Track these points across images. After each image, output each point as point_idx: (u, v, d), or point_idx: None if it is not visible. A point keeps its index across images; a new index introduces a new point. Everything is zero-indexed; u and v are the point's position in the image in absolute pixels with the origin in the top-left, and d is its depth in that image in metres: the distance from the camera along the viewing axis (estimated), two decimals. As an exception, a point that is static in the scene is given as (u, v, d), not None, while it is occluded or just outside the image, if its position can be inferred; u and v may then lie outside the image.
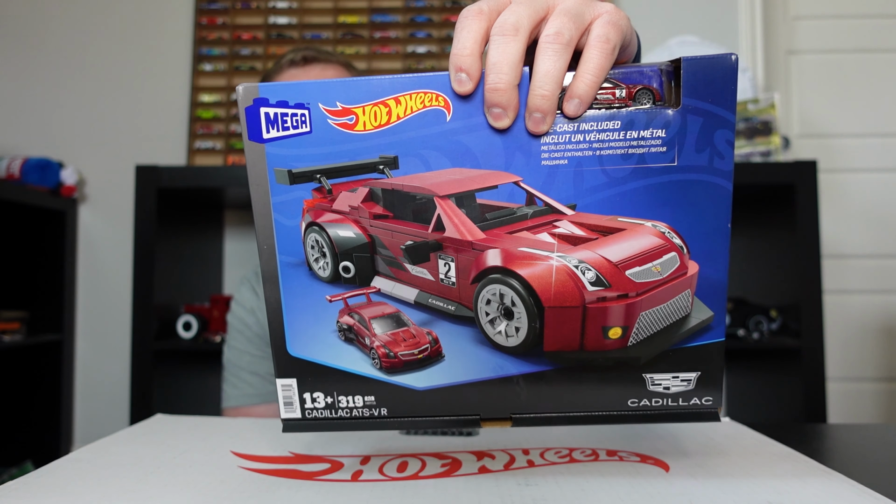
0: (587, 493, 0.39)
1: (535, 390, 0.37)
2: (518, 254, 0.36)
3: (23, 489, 0.40)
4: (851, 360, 1.85)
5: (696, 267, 0.35)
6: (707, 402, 0.37)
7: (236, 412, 0.92)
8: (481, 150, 0.35)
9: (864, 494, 0.38)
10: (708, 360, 0.36)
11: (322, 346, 0.38)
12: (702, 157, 0.34)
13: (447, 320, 0.38)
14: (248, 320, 0.94)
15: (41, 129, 1.89)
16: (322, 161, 0.36)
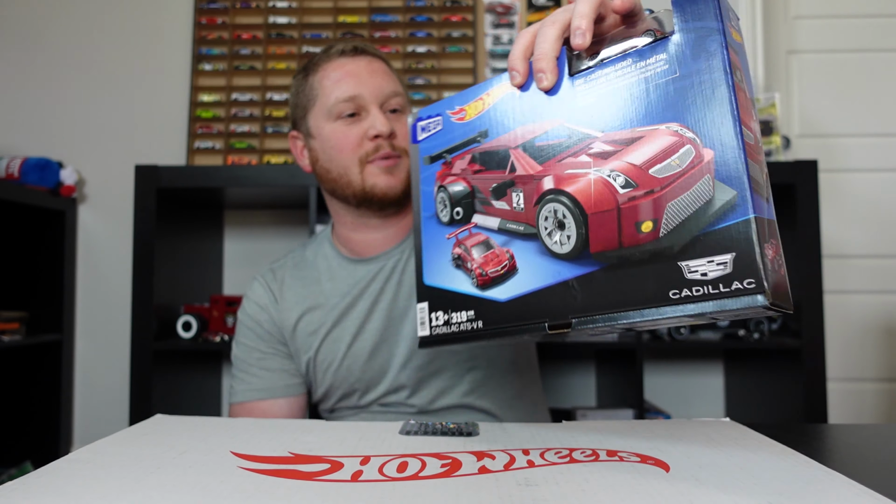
0: (587, 494, 0.39)
1: (588, 291, 0.43)
2: (565, 175, 0.45)
3: (22, 489, 0.39)
4: (852, 360, 1.85)
5: (712, 153, 0.39)
6: (750, 284, 0.37)
7: (241, 408, 0.90)
8: (540, 110, 0.47)
9: (864, 495, 0.38)
10: (739, 239, 0.38)
11: (442, 274, 0.51)
12: (698, 63, 0.41)
13: (519, 238, 0.48)
14: (259, 317, 0.93)
15: (40, 129, 1.89)
16: (447, 144, 0.53)
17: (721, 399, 1.83)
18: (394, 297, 0.90)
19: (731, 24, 0.42)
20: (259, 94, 1.84)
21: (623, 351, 1.54)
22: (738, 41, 0.42)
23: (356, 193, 0.88)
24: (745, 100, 0.40)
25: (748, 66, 0.43)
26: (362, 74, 0.87)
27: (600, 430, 0.55)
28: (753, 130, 0.40)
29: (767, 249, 0.38)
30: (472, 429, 0.57)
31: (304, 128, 0.92)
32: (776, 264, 0.39)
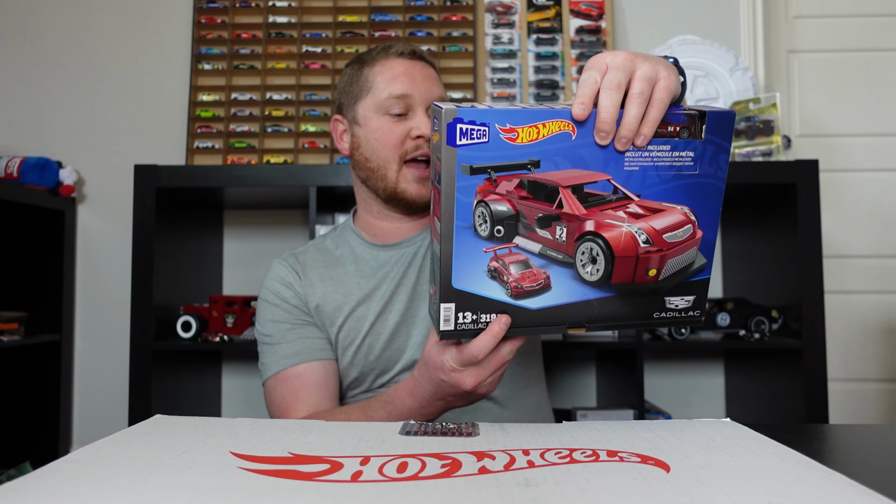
0: (587, 494, 0.39)
1: (603, 308, 0.60)
2: (604, 224, 0.58)
3: (21, 490, 0.39)
4: (853, 360, 1.85)
5: (701, 233, 0.59)
6: (696, 312, 0.62)
7: (276, 379, 0.90)
8: (590, 158, 0.56)
9: (865, 495, 0.38)
10: (700, 289, 0.62)
11: (475, 281, 0.58)
12: (711, 168, 0.58)
13: (556, 265, 0.59)
14: (284, 294, 0.94)
15: (40, 129, 1.89)
16: (492, 161, 0.55)
17: (721, 399, 1.83)
18: (416, 281, 0.94)
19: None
20: (259, 93, 1.84)
21: (623, 351, 1.54)
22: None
23: (387, 189, 0.94)
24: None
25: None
26: (416, 77, 0.94)
27: (600, 431, 0.55)
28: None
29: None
30: (472, 429, 0.57)
31: (351, 114, 0.97)
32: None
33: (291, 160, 1.79)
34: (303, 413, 0.87)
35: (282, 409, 0.88)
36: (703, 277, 0.61)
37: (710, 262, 0.61)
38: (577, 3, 1.87)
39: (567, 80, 1.84)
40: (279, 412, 0.88)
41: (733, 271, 1.78)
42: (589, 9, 1.87)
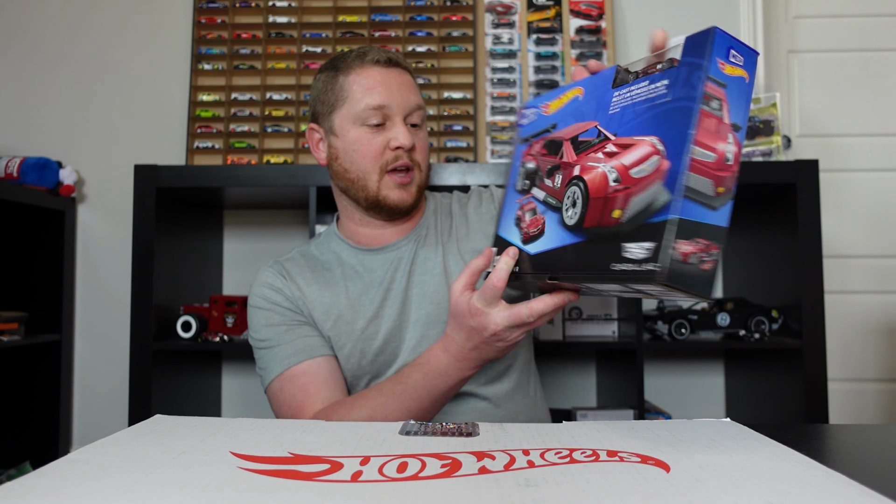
0: (587, 494, 0.39)
1: (574, 254, 0.59)
2: (587, 166, 0.59)
3: (21, 490, 0.39)
4: (853, 360, 1.85)
5: (668, 164, 0.51)
6: (655, 266, 0.49)
7: (281, 380, 0.89)
8: (587, 112, 0.63)
9: (865, 495, 0.38)
10: (658, 232, 0.49)
11: (507, 229, 0.70)
12: (683, 90, 0.52)
13: (551, 210, 0.64)
14: (275, 298, 0.94)
15: (40, 129, 1.89)
16: (534, 130, 0.71)
17: (721, 399, 1.83)
18: (407, 286, 0.94)
19: (727, 60, 0.51)
20: (259, 93, 1.84)
21: (623, 351, 1.54)
22: (737, 75, 0.52)
23: (368, 198, 0.93)
24: (715, 125, 0.50)
25: (746, 96, 0.52)
26: (392, 86, 0.92)
27: (600, 431, 0.55)
28: (719, 151, 0.50)
29: (684, 245, 0.48)
30: (472, 429, 0.57)
31: (327, 124, 0.95)
32: (695, 258, 0.49)
33: (291, 160, 1.79)
34: (319, 406, 0.85)
35: (294, 408, 0.87)
36: (664, 218, 0.49)
37: (677, 199, 0.49)
38: (577, 3, 1.87)
39: (567, 80, 1.84)
40: (292, 411, 0.87)
41: (733, 271, 1.78)
42: (589, 9, 1.87)
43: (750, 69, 0.52)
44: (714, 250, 0.49)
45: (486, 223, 1.00)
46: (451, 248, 0.97)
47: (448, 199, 1.05)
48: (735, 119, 0.51)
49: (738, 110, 0.51)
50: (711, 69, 0.50)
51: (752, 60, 0.52)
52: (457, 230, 1.00)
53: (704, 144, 0.49)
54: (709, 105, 0.50)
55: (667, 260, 0.48)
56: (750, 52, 0.52)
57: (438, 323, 0.92)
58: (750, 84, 0.52)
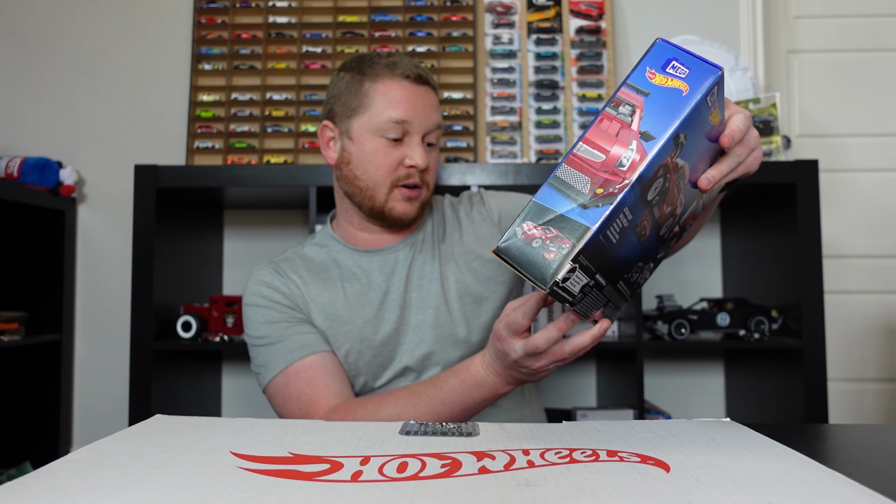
0: (587, 494, 0.39)
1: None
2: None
3: (21, 490, 0.39)
4: (852, 360, 1.85)
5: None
6: (501, 242, 0.50)
7: (284, 375, 0.88)
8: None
9: (865, 495, 0.38)
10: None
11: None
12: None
13: None
14: (273, 296, 0.93)
15: (40, 129, 1.89)
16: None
17: (721, 399, 1.83)
18: (405, 290, 0.94)
19: (662, 70, 0.51)
20: (259, 93, 1.84)
21: (623, 351, 1.54)
22: (670, 86, 0.50)
23: (374, 208, 0.93)
24: (616, 129, 0.50)
25: (677, 108, 0.50)
26: (417, 103, 0.91)
27: (600, 431, 0.55)
28: (612, 154, 0.49)
29: (530, 228, 0.49)
30: (472, 429, 0.57)
31: (344, 126, 0.94)
32: (538, 243, 0.49)
33: (291, 160, 1.79)
34: (331, 399, 0.84)
35: (304, 402, 0.85)
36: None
37: (543, 185, 0.51)
38: (577, 4, 1.87)
39: (567, 80, 1.84)
40: (301, 405, 0.85)
41: (733, 271, 1.78)
42: (589, 9, 1.87)
43: (696, 83, 0.50)
44: (564, 244, 0.48)
45: (479, 226, 1.00)
46: (447, 253, 0.97)
47: (440, 202, 1.05)
48: (648, 128, 0.50)
49: (658, 121, 0.50)
50: (632, 76, 0.51)
51: (701, 74, 0.50)
52: (451, 234, 1.00)
53: (593, 143, 0.50)
54: (616, 109, 0.50)
55: (509, 235, 0.49)
56: (701, 66, 0.51)
57: (436, 327, 0.92)
58: (689, 97, 0.50)
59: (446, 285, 0.94)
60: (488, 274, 0.96)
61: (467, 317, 0.94)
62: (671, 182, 0.54)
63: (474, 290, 0.95)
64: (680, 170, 0.54)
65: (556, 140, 1.81)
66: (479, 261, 0.97)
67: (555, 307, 1.60)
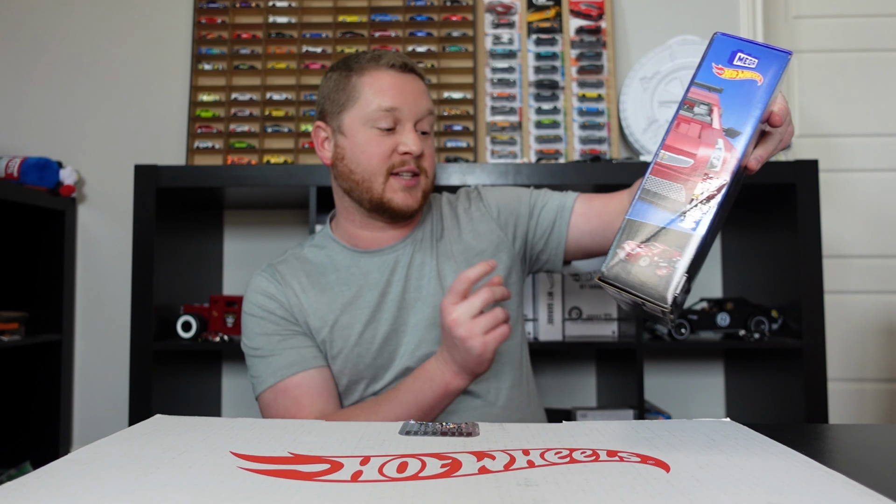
0: (587, 494, 0.39)
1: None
2: None
3: (21, 490, 0.39)
4: (853, 360, 1.85)
5: None
6: (604, 264, 0.49)
7: (274, 391, 0.89)
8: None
9: (865, 495, 0.38)
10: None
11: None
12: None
13: None
14: (269, 306, 0.93)
15: (40, 129, 1.89)
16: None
17: (721, 399, 1.83)
18: (403, 290, 0.94)
19: (729, 64, 0.50)
20: (259, 93, 1.84)
21: (623, 351, 1.54)
22: (742, 79, 0.49)
23: (373, 200, 0.93)
24: (696, 130, 0.49)
25: (754, 99, 0.49)
26: (406, 90, 0.92)
27: (600, 431, 0.55)
28: (699, 156, 0.48)
29: (632, 247, 0.47)
30: (472, 429, 0.57)
31: (336, 123, 0.94)
32: (642, 260, 0.47)
33: (291, 160, 1.79)
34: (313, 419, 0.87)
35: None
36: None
37: (634, 201, 0.49)
38: (577, 4, 1.87)
39: (567, 80, 1.84)
40: None
41: (733, 271, 1.78)
42: (589, 9, 1.87)
43: (767, 70, 0.50)
44: (675, 257, 0.46)
45: (477, 222, 1.00)
46: (444, 251, 0.97)
47: (438, 200, 1.05)
48: (731, 124, 0.49)
49: (739, 115, 0.49)
50: (700, 75, 0.50)
51: (771, 62, 0.51)
52: (449, 232, 0.99)
53: (676, 149, 0.49)
54: (691, 111, 0.49)
55: (612, 260, 0.47)
56: (770, 54, 0.51)
57: (436, 326, 0.92)
58: (765, 86, 0.50)
59: (444, 283, 0.94)
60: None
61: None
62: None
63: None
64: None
65: (557, 140, 1.81)
66: (479, 257, 0.97)
67: (557, 304, 1.60)
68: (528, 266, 1.04)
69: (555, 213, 0.98)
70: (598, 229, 0.96)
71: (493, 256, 0.97)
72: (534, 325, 1.59)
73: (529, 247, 1.01)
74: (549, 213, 0.99)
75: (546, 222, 0.99)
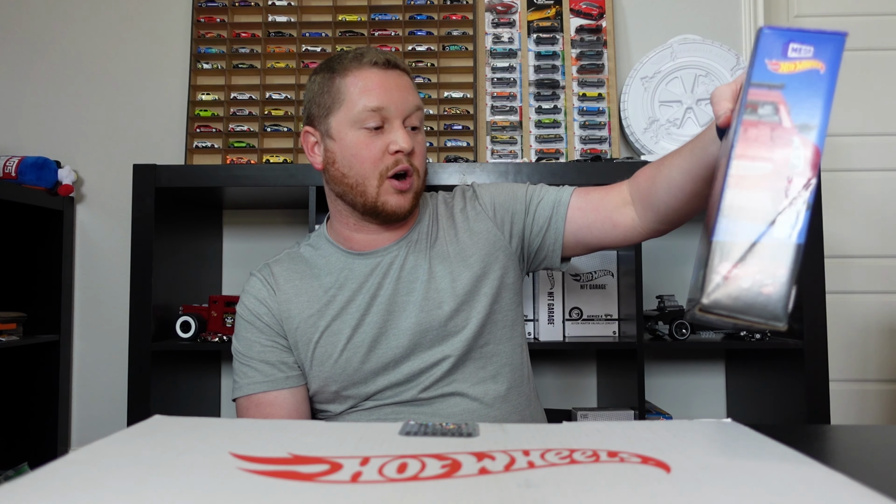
0: (588, 495, 0.38)
1: None
2: None
3: (19, 491, 0.39)
4: (854, 360, 1.85)
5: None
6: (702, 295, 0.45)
7: (247, 401, 0.92)
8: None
9: (867, 496, 0.38)
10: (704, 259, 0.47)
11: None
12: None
13: None
14: (258, 311, 0.94)
15: (38, 128, 1.89)
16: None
17: (722, 400, 1.83)
18: (394, 292, 0.93)
19: (784, 57, 0.47)
20: (258, 93, 1.84)
21: (624, 351, 1.54)
22: (803, 70, 0.46)
23: (367, 204, 0.92)
24: (767, 133, 0.46)
25: (821, 88, 0.46)
26: (391, 87, 0.90)
27: (601, 431, 0.55)
28: (771, 159, 0.45)
29: (729, 270, 0.43)
30: (472, 430, 0.56)
31: (323, 127, 0.93)
32: (744, 282, 0.44)
33: (291, 160, 1.79)
34: None
35: None
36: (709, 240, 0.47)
37: (717, 220, 0.46)
38: (578, 3, 1.87)
39: (567, 79, 1.83)
40: None
41: (733, 271, 1.78)
42: (589, 8, 1.87)
43: (826, 56, 0.47)
44: (780, 270, 0.44)
45: (472, 221, 0.99)
46: (439, 252, 0.96)
47: (434, 199, 1.04)
48: (802, 119, 0.46)
49: (807, 107, 0.46)
50: (755, 74, 0.47)
51: (828, 47, 0.47)
52: (444, 233, 0.98)
53: (750, 156, 0.45)
54: (756, 113, 0.46)
55: (710, 288, 0.44)
56: (825, 39, 0.47)
57: (429, 331, 0.91)
58: (828, 74, 0.47)
59: (437, 285, 0.93)
60: (482, 265, 0.96)
61: (458, 299, 0.92)
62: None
63: (467, 279, 0.94)
64: None
65: (557, 140, 1.81)
66: (474, 256, 0.96)
67: (557, 306, 1.60)
68: (526, 264, 1.03)
69: (551, 209, 0.97)
70: (596, 223, 0.95)
71: (489, 256, 0.96)
72: (534, 325, 1.59)
73: (527, 244, 1.00)
74: (545, 208, 0.98)
75: (542, 218, 0.98)
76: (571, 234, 0.97)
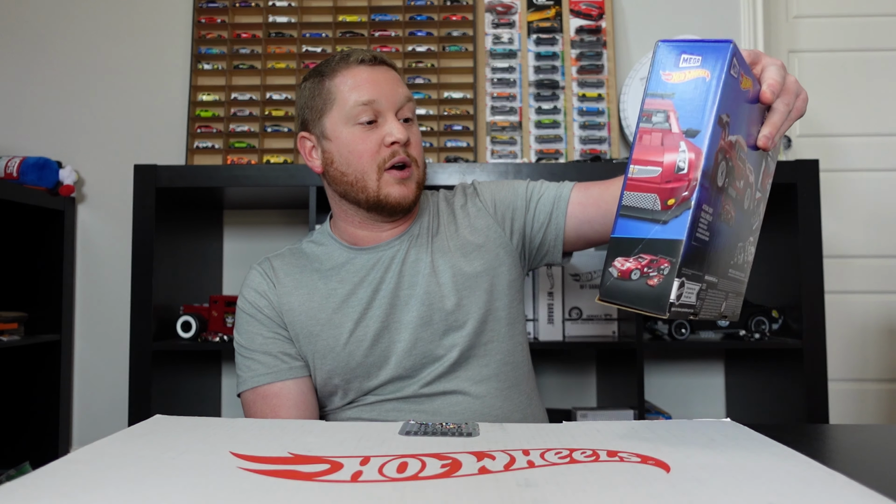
0: (588, 494, 0.39)
1: None
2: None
3: (21, 490, 0.39)
4: (853, 360, 1.85)
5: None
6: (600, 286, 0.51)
7: (252, 394, 0.92)
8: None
9: (865, 495, 0.38)
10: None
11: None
12: None
13: None
14: (259, 303, 0.95)
15: (39, 129, 1.89)
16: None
17: (722, 399, 1.83)
18: (396, 286, 0.93)
19: (676, 67, 0.50)
20: (258, 93, 1.84)
21: (623, 351, 1.54)
22: (691, 79, 0.49)
23: (369, 199, 0.92)
24: (659, 139, 0.50)
25: (706, 95, 0.49)
26: (380, 81, 0.91)
27: (600, 431, 0.55)
28: (666, 163, 0.49)
29: (622, 263, 0.49)
30: (472, 429, 0.57)
31: (318, 129, 0.94)
32: (637, 274, 0.48)
33: (291, 160, 1.79)
34: None
35: None
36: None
37: (616, 220, 0.51)
38: (577, 3, 1.87)
39: (567, 79, 1.84)
40: None
41: (733, 271, 1.78)
42: (589, 9, 1.87)
43: (713, 64, 0.49)
44: (663, 265, 0.47)
45: (473, 217, 0.99)
46: (440, 246, 0.96)
47: (436, 196, 1.05)
48: (690, 125, 0.49)
49: (694, 114, 0.49)
50: (651, 85, 0.51)
51: (713, 55, 0.50)
52: (445, 228, 0.99)
53: (644, 161, 0.50)
54: (650, 121, 0.50)
55: (605, 278, 0.49)
56: (710, 48, 0.50)
57: (431, 324, 0.91)
58: (712, 81, 0.49)
59: (439, 278, 0.94)
60: (483, 260, 0.96)
61: (459, 293, 0.93)
62: (733, 160, 0.53)
63: (468, 273, 0.94)
64: (736, 145, 0.53)
65: (557, 140, 1.81)
66: (476, 251, 0.96)
67: (558, 307, 1.60)
68: (528, 261, 1.03)
69: (551, 204, 0.98)
70: (597, 217, 0.95)
71: (490, 252, 0.97)
72: (534, 325, 1.59)
73: (528, 240, 1.00)
74: (545, 204, 0.98)
75: (543, 214, 0.98)
76: (572, 228, 0.97)
